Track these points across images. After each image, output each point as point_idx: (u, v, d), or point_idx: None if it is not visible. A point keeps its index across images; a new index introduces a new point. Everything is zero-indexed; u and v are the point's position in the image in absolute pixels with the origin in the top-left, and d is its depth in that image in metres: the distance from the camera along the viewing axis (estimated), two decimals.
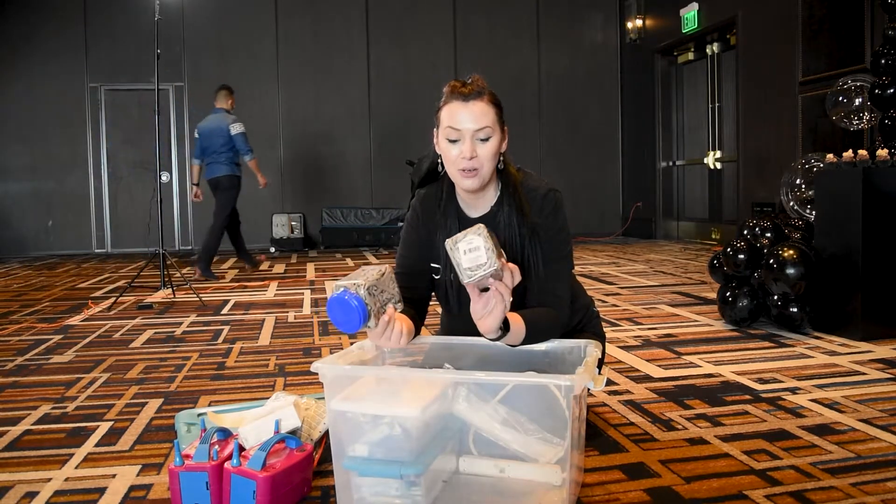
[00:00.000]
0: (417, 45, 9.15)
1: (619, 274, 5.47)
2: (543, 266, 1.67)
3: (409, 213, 1.83)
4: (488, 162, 1.63)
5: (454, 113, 1.61)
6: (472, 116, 1.60)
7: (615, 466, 1.69)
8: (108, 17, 8.57)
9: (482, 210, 1.74)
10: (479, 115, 1.60)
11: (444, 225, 1.74)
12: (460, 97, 1.61)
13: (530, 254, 1.68)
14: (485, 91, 1.63)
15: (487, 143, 1.62)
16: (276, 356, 2.97)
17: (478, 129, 1.60)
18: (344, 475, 1.44)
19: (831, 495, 1.51)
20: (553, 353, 1.67)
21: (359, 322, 1.41)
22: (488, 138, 1.61)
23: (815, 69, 5.95)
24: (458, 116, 1.61)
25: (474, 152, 1.61)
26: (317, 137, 9.02)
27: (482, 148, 1.61)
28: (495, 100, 1.65)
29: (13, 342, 3.37)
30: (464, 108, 1.61)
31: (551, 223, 1.69)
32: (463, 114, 1.60)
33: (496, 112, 1.63)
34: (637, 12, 9.00)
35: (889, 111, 3.63)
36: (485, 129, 1.60)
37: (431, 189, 1.80)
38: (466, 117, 1.60)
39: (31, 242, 8.59)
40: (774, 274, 3.15)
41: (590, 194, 9.39)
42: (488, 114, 1.61)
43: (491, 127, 1.61)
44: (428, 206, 1.78)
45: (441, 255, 1.73)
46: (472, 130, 1.60)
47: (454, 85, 1.64)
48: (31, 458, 1.85)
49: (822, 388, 2.33)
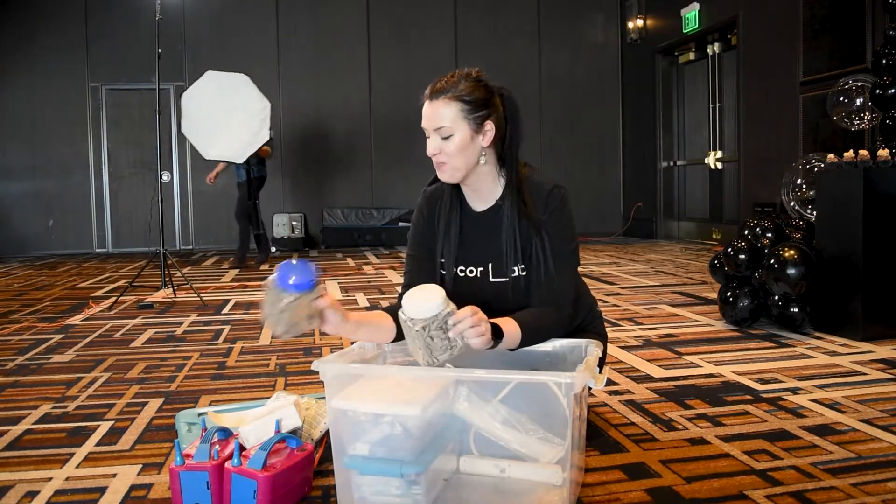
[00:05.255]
0: (418, 45, 9.15)
1: (619, 274, 5.47)
2: (547, 262, 1.67)
3: (414, 213, 1.84)
4: (455, 157, 1.65)
5: (423, 112, 1.68)
6: (430, 116, 1.65)
7: (616, 466, 1.69)
8: (109, 17, 8.57)
9: (487, 204, 1.75)
10: (435, 115, 1.64)
11: (448, 218, 1.75)
12: (429, 95, 1.67)
13: (534, 249, 1.68)
14: (452, 88, 1.64)
15: (449, 141, 1.64)
16: (277, 356, 2.97)
17: (435, 128, 1.65)
18: (344, 474, 1.44)
19: (832, 495, 1.51)
20: (554, 353, 1.67)
21: (311, 277, 1.43)
22: (449, 136, 1.64)
23: (816, 69, 5.95)
24: (424, 115, 1.67)
25: (437, 149, 1.66)
26: (317, 137, 9.01)
27: (445, 144, 1.65)
28: (466, 96, 1.64)
29: (14, 342, 3.38)
30: (428, 108, 1.67)
31: (556, 219, 1.69)
32: (426, 113, 1.67)
33: (461, 108, 1.63)
34: (638, 12, 9.00)
35: (890, 111, 3.62)
36: (442, 129, 1.64)
37: (436, 188, 1.81)
38: (427, 117, 1.66)
39: (31, 242, 8.59)
40: (775, 274, 3.15)
41: (590, 194, 9.38)
42: (447, 113, 1.63)
43: (449, 126, 1.63)
44: (432, 202, 1.80)
45: (443, 250, 1.76)
46: (431, 129, 1.66)
47: (434, 80, 1.69)
48: (31, 457, 1.85)
49: (823, 388, 2.32)
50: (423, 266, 1.79)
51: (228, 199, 8.85)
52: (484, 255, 1.74)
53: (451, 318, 1.42)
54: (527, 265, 1.70)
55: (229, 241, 8.82)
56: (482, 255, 1.74)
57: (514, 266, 1.70)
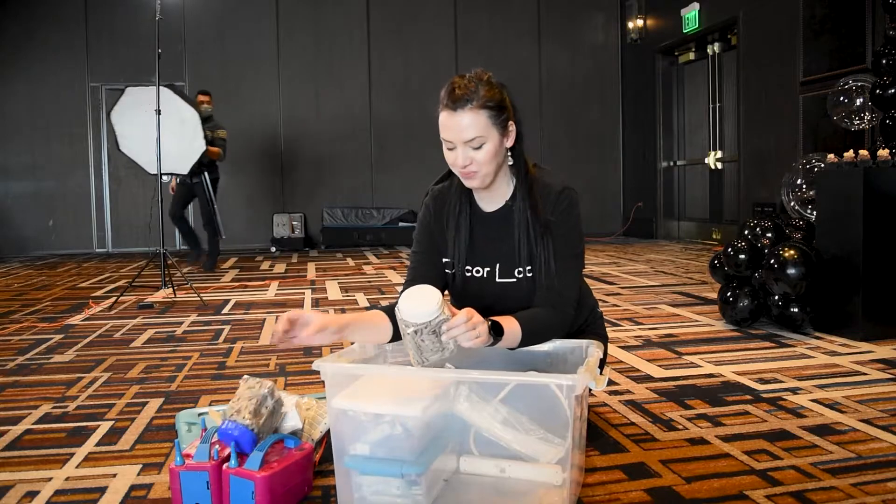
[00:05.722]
0: (418, 45, 9.15)
1: (619, 274, 5.47)
2: (554, 263, 1.67)
3: (421, 211, 1.83)
4: (486, 165, 1.61)
5: (444, 123, 1.60)
6: (459, 128, 1.57)
7: (616, 466, 1.69)
8: (109, 17, 8.57)
9: (497, 204, 1.74)
10: (466, 126, 1.57)
11: (457, 219, 1.74)
12: (449, 105, 1.58)
13: (541, 250, 1.67)
14: (474, 96, 1.57)
15: (481, 150, 1.60)
16: (277, 356, 2.97)
17: (466, 140, 1.58)
18: (345, 474, 1.44)
19: (832, 495, 1.51)
20: (555, 354, 1.67)
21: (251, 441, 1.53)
22: (480, 146, 1.59)
23: (816, 69, 5.95)
24: (447, 127, 1.59)
25: (468, 160, 1.60)
26: (317, 137, 9.02)
27: (477, 154, 1.60)
28: (488, 102, 1.58)
29: (14, 342, 3.37)
30: (451, 119, 1.58)
31: (564, 220, 1.69)
32: (451, 125, 1.58)
33: (489, 115, 1.58)
34: (638, 12, 9.00)
35: (890, 111, 3.62)
36: (475, 140, 1.58)
37: (444, 185, 1.80)
38: (455, 129, 1.58)
39: (31, 242, 8.59)
40: (775, 274, 3.15)
41: (591, 194, 9.37)
42: (477, 122, 1.57)
43: (481, 135, 1.58)
44: (440, 201, 1.79)
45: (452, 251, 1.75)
46: (459, 141, 1.59)
47: (449, 87, 1.60)
48: (31, 457, 1.85)
49: (823, 388, 2.32)
50: (427, 264, 1.79)
51: (228, 198, 8.88)
52: (491, 255, 1.74)
53: (445, 325, 1.41)
54: (533, 267, 1.70)
55: (230, 241, 8.83)
56: (490, 256, 1.74)
57: (522, 267, 1.70)
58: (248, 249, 8.69)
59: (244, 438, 1.52)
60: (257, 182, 8.93)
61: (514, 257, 1.70)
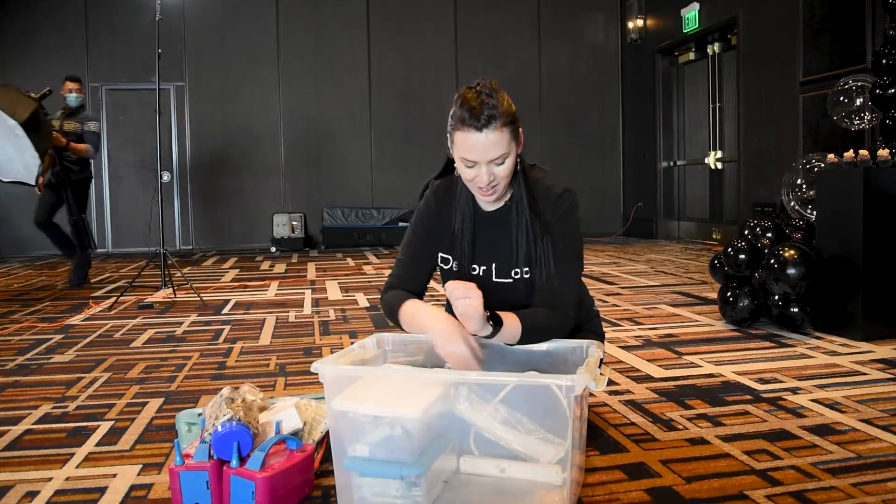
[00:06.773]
0: (418, 45, 9.15)
1: (619, 274, 5.47)
2: (553, 265, 1.67)
3: (421, 203, 1.81)
4: (506, 178, 1.62)
5: (468, 143, 1.55)
6: (485, 148, 1.55)
7: (616, 466, 1.69)
8: (109, 17, 8.57)
9: (497, 204, 1.74)
10: (492, 145, 1.54)
11: (458, 217, 1.74)
12: (474, 126, 1.53)
13: (541, 252, 1.67)
14: (496, 113, 1.53)
15: (504, 164, 1.59)
16: (277, 356, 2.97)
17: (493, 158, 1.56)
18: (344, 475, 1.44)
19: (832, 495, 1.51)
20: (555, 354, 1.67)
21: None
22: (504, 161, 1.59)
23: (816, 69, 5.95)
24: (473, 148, 1.55)
25: (492, 177, 1.59)
26: (317, 137, 9.01)
27: (499, 169, 1.59)
28: (509, 117, 1.56)
29: (14, 342, 3.37)
30: (478, 139, 1.54)
31: (564, 222, 1.69)
32: (477, 145, 1.54)
33: (511, 130, 1.57)
34: (638, 12, 9.00)
35: (890, 111, 3.62)
36: (501, 157, 1.57)
37: (446, 181, 1.79)
38: (481, 150, 1.55)
39: (31, 242, 8.57)
40: (775, 274, 3.15)
41: (590, 194, 9.37)
42: (502, 140, 1.55)
43: (506, 151, 1.57)
44: (442, 197, 1.78)
45: (455, 250, 1.75)
46: (485, 161, 1.57)
47: (469, 105, 1.54)
48: (31, 457, 1.85)
49: (823, 388, 2.32)
50: (418, 257, 1.79)
51: (228, 199, 8.88)
52: (489, 254, 1.74)
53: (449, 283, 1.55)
54: (531, 267, 1.70)
55: (230, 241, 8.84)
56: (487, 255, 1.74)
57: (519, 269, 1.70)
58: (249, 249, 8.69)
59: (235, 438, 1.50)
60: (257, 182, 8.92)
61: (512, 258, 1.70)
